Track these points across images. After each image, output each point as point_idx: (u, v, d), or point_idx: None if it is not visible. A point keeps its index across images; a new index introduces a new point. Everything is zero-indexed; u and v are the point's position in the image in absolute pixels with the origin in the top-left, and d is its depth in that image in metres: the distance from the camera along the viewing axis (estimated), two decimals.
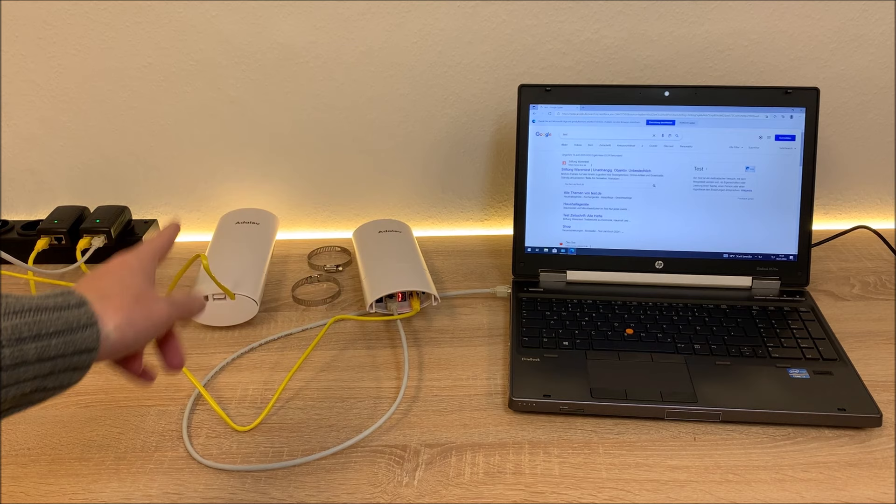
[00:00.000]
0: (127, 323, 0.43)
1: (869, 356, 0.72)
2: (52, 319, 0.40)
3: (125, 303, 0.44)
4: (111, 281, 0.46)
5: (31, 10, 0.83)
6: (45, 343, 0.39)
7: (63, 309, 0.41)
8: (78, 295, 0.42)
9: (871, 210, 0.98)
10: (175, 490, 0.58)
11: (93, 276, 0.47)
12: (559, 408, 0.64)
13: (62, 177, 0.94)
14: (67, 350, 0.40)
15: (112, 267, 0.48)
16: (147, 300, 0.46)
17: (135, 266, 0.49)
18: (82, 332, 0.41)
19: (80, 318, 0.41)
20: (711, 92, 0.79)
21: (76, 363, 0.41)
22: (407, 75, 0.88)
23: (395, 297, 0.78)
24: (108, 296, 0.44)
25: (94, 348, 0.41)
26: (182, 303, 0.50)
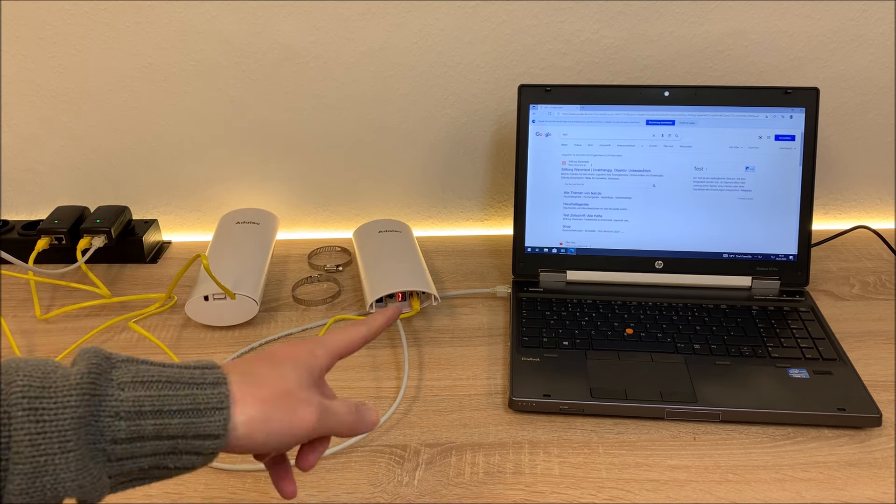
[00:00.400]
0: (261, 418, 0.38)
1: (869, 356, 0.72)
2: (180, 396, 0.37)
3: (270, 394, 0.39)
4: (267, 367, 0.41)
5: (31, 10, 0.83)
6: (166, 421, 0.36)
7: (196, 386, 0.38)
8: (218, 373, 0.39)
9: (870, 210, 0.98)
10: (175, 490, 0.58)
11: (253, 357, 0.43)
12: (559, 407, 0.64)
13: (62, 177, 0.94)
14: (188, 432, 0.37)
15: (278, 354, 0.43)
16: (296, 401, 0.40)
17: (303, 361, 0.43)
18: (208, 416, 0.37)
19: (209, 399, 0.37)
20: (711, 92, 0.79)
21: (198, 447, 0.37)
22: (407, 75, 0.88)
23: (395, 297, 0.78)
24: (255, 383, 0.39)
25: (220, 435, 0.37)
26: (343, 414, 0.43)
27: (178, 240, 0.98)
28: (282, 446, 0.40)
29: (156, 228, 0.94)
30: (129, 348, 0.75)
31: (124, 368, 0.37)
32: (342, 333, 0.47)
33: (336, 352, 0.46)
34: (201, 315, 0.77)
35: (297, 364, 0.42)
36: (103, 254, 0.87)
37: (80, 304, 0.82)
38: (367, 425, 0.45)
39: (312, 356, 0.44)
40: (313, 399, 0.41)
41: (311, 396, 0.41)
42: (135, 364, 0.38)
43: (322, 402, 0.42)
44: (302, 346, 0.45)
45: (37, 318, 0.80)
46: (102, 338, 0.77)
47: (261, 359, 0.42)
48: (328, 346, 0.46)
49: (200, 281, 0.77)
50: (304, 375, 0.42)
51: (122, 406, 0.36)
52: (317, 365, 0.44)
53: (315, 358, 0.44)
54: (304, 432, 0.41)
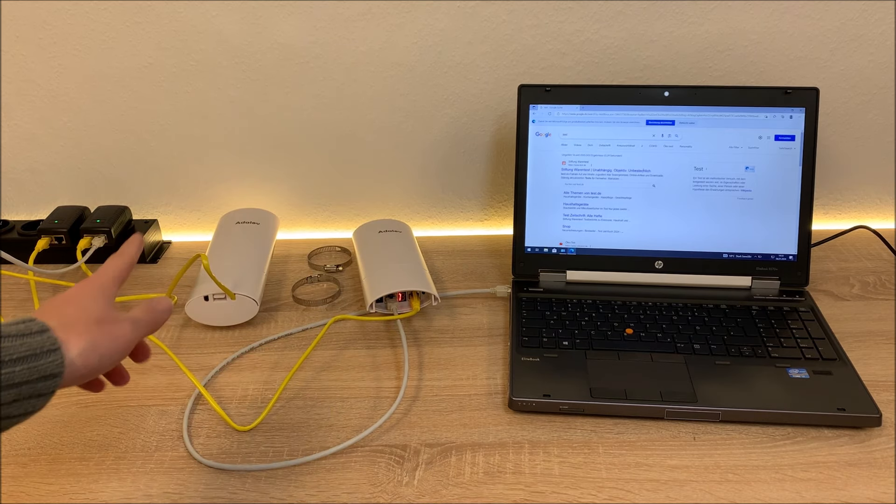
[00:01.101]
0: (91, 347, 0.44)
1: (868, 356, 0.72)
2: (16, 346, 0.40)
3: (88, 327, 0.44)
4: (72, 307, 0.46)
5: (31, 10, 0.83)
6: (10, 370, 0.39)
7: (25, 335, 0.41)
8: (39, 322, 0.43)
9: (870, 210, 0.98)
10: (175, 490, 0.58)
11: (53, 303, 0.47)
12: (559, 407, 0.65)
13: (62, 177, 0.94)
14: (32, 376, 0.40)
15: (72, 293, 0.48)
16: (109, 323, 0.46)
17: (95, 291, 0.48)
18: (46, 358, 0.41)
19: (42, 343, 0.41)
20: (711, 92, 0.79)
21: (40, 389, 0.41)
22: (407, 75, 0.88)
23: (395, 297, 0.78)
24: (70, 322, 0.44)
25: (59, 373, 0.41)
26: (145, 317, 0.50)
27: (178, 240, 0.98)
28: (112, 364, 0.46)
29: (156, 228, 0.94)
30: None
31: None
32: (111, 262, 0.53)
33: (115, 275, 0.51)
34: (201, 315, 0.77)
35: (95, 295, 0.48)
36: (103, 254, 0.86)
37: None
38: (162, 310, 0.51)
39: (102, 287, 0.49)
40: (119, 317, 0.48)
41: (117, 315, 0.48)
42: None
43: (127, 317, 0.48)
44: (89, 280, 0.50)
45: None
46: None
47: (61, 300, 0.47)
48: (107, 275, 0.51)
49: (200, 281, 0.77)
50: (104, 302, 0.48)
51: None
52: (108, 292, 0.49)
53: (104, 287, 0.49)
54: (127, 345, 0.47)
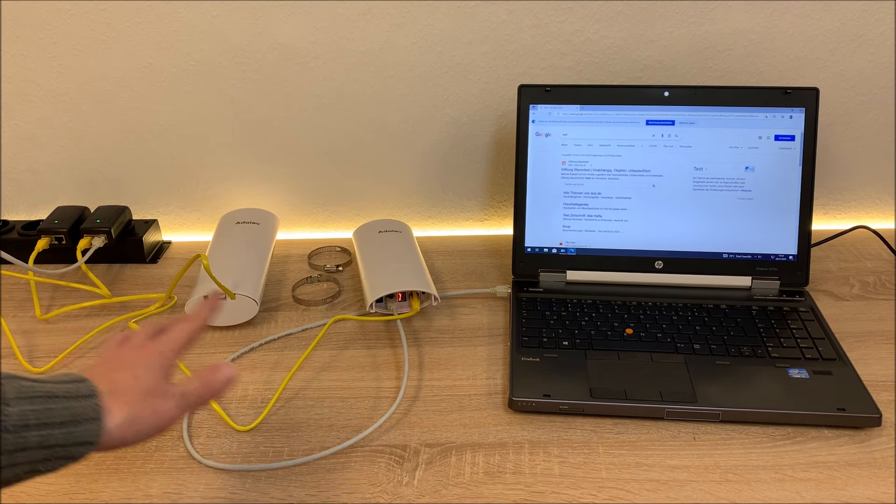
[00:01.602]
0: (130, 421, 0.43)
1: (868, 356, 0.72)
2: (60, 409, 0.40)
3: (134, 398, 0.44)
4: (125, 374, 0.46)
5: (31, 10, 0.83)
6: (48, 432, 0.39)
7: (72, 398, 0.41)
8: (89, 385, 0.43)
9: (870, 210, 0.98)
10: (175, 490, 0.58)
11: (108, 364, 0.47)
12: (559, 407, 0.65)
13: (62, 177, 0.94)
14: (68, 441, 0.40)
15: (131, 357, 0.47)
16: (157, 397, 0.45)
17: (153, 359, 0.48)
18: (85, 426, 0.41)
19: (86, 410, 0.41)
20: (711, 92, 0.79)
21: (73, 453, 0.41)
22: (407, 75, 0.88)
23: (395, 297, 0.78)
24: (118, 390, 0.44)
25: (94, 442, 0.41)
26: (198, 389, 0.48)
27: (178, 240, 0.98)
28: (146, 439, 0.45)
29: (156, 228, 0.94)
30: None
31: (8, 384, 0.39)
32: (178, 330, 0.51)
33: (178, 347, 0.50)
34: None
35: (150, 365, 0.47)
36: (103, 254, 0.87)
37: (80, 304, 0.82)
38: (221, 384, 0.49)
39: (161, 356, 0.48)
40: (169, 392, 0.46)
41: (167, 389, 0.46)
42: (16, 380, 0.40)
43: (177, 392, 0.47)
44: (148, 349, 0.49)
45: (37, 318, 0.80)
46: (102, 338, 0.77)
47: (117, 365, 0.46)
48: (170, 345, 0.50)
49: (200, 281, 0.77)
50: (158, 374, 0.47)
51: (10, 420, 0.38)
52: (166, 363, 0.48)
53: (163, 357, 0.48)
54: (168, 423, 0.46)
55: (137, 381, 0.45)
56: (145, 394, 0.45)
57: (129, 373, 0.46)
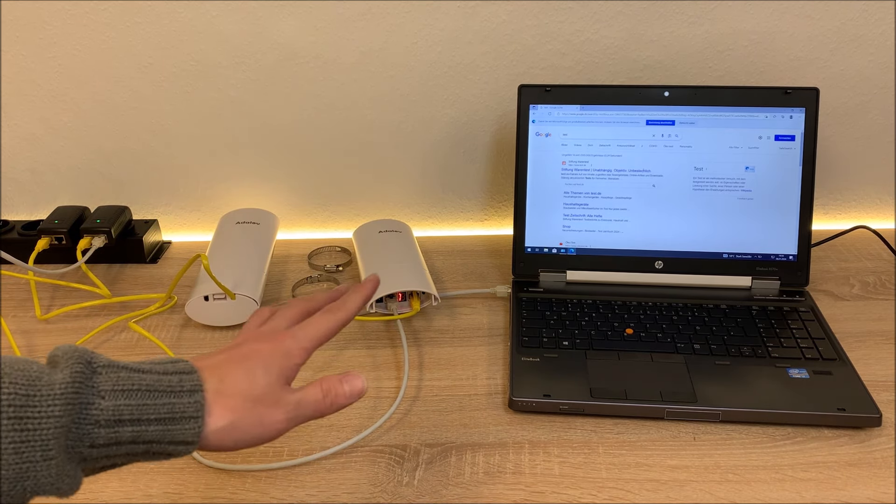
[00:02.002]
0: (230, 428, 0.40)
1: (869, 356, 0.72)
2: (158, 405, 0.38)
3: (242, 404, 0.41)
4: (237, 374, 0.42)
5: (31, 10, 0.83)
6: (143, 428, 0.38)
7: (173, 394, 0.39)
8: (195, 379, 0.40)
9: (870, 210, 0.98)
10: (175, 490, 0.58)
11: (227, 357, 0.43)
12: (559, 407, 0.65)
13: (62, 177, 0.94)
14: (164, 438, 0.38)
15: (251, 356, 0.43)
16: (266, 405, 0.42)
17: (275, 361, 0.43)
18: (183, 424, 0.39)
19: (186, 408, 0.39)
20: (711, 92, 0.79)
21: (171, 451, 0.39)
22: (407, 75, 0.88)
23: (395, 297, 0.78)
24: (226, 391, 0.41)
25: (193, 441, 0.39)
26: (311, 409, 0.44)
27: (178, 240, 0.98)
28: (252, 446, 0.42)
29: (156, 228, 0.94)
30: (129, 348, 0.75)
31: (105, 375, 0.38)
32: (318, 323, 0.47)
33: (312, 346, 0.46)
34: (201, 315, 0.77)
35: (270, 367, 0.43)
36: (103, 254, 0.87)
37: (81, 304, 0.82)
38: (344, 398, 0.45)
39: (286, 357, 0.44)
40: (283, 400, 0.43)
41: (281, 397, 0.43)
42: (115, 370, 0.38)
43: (291, 401, 0.43)
44: (277, 344, 0.45)
45: (37, 318, 0.80)
46: (102, 338, 0.77)
47: (235, 359, 0.43)
48: (304, 342, 0.46)
49: (200, 281, 0.77)
50: (275, 379, 0.43)
51: (103, 415, 0.37)
52: (290, 365, 0.44)
53: (289, 358, 0.44)
54: (274, 434, 0.43)
55: (250, 384, 0.42)
56: (255, 400, 0.41)
57: (244, 372, 0.42)
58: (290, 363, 0.44)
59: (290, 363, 0.44)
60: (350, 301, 0.49)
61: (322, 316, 0.48)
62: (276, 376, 0.43)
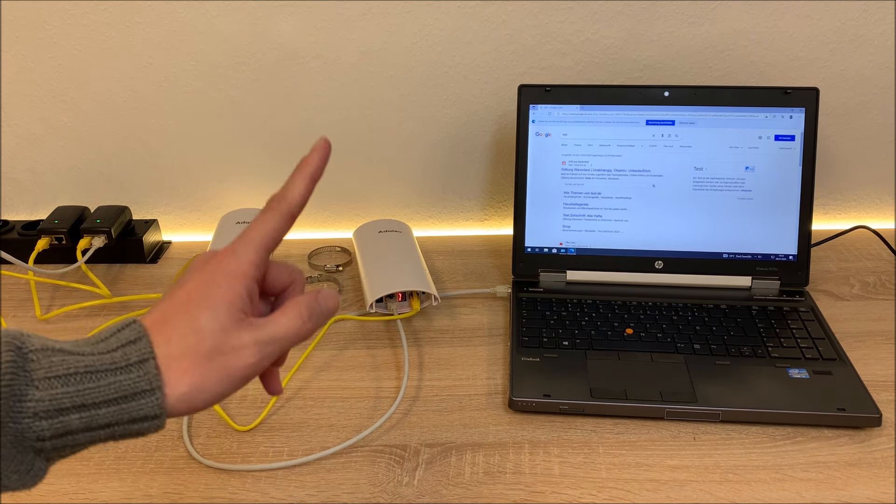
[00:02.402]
0: (195, 391, 0.35)
1: (869, 356, 0.72)
2: (101, 387, 0.34)
3: (194, 364, 0.35)
4: (182, 327, 0.36)
5: (31, 10, 0.83)
6: (92, 413, 0.34)
7: (118, 371, 0.34)
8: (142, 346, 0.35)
9: (870, 210, 0.98)
10: (175, 490, 0.58)
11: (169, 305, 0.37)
12: (559, 407, 0.65)
13: (62, 177, 0.94)
14: (122, 419, 0.34)
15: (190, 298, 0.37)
16: (225, 354, 0.36)
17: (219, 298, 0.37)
18: (139, 400, 0.34)
19: (136, 382, 0.34)
20: (711, 92, 0.79)
21: (137, 429, 0.35)
22: (407, 76, 0.88)
23: (395, 297, 0.78)
24: (174, 354, 0.35)
25: (157, 416, 0.35)
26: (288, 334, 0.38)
27: (178, 240, 0.98)
28: (224, 398, 0.37)
29: (156, 228, 0.94)
30: None
31: (37, 362, 0.34)
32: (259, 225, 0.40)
33: (260, 253, 0.39)
34: None
35: (215, 306, 0.36)
36: (103, 254, 0.87)
37: (80, 304, 0.82)
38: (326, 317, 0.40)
39: (230, 283, 0.37)
40: (245, 339, 0.36)
41: (242, 337, 0.36)
42: (48, 354, 0.34)
43: (259, 337, 0.37)
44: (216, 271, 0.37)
45: (37, 318, 0.80)
46: None
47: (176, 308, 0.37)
48: (249, 254, 0.39)
49: None
50: (226, 317, 0.36)
51: (40, 406, 0.33)
52: (239, 293, 0.37)
53: (234, 283, 0.37)
54: (247, 378, 0.37)
55: (198, 336, 0.36)
56: (211, 354, 0.36)
57: (187, 324, 0.36)
58: (238, 288, 0.37)
59: (238, 288, 0.37)
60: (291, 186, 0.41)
61: (261, 214, 0.40)
62: (226, 314, 0.36)
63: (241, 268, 0.38)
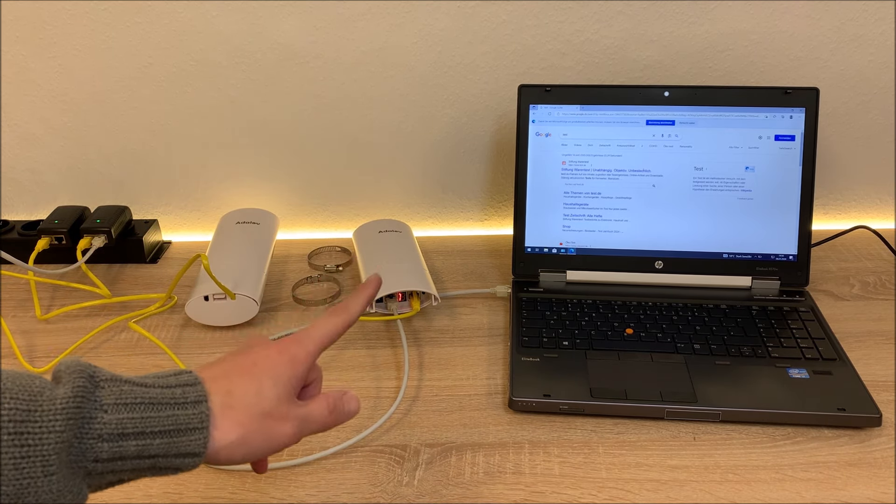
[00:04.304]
0: (240, 442, 0.40)
1: (869, 356, 0.72)
2: (162, 417, 0.38)
3: (249, 419, 0.40)
4: (245, 386, 0.41)
5: (31, 10, 0.83)
6: (148, 442, 0.37)
7: (177, 406, 0.38)
8: (199, 390, 0.39)
9: (870, 210, 0.98)
10: (175, 490, 0.58)
11: (233, 365, 0.42)
12: (559, 407, 0.65)
13: (62, 177, 0.94)
14: (170, 451, 0.38)
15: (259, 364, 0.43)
16: (275, 419, 0.41)
17: (281, 373, 0.43)
18: (189, 436, 0.38)
19: (190, 420, 0.38)
20: (711, 92, 0.79)
21: (177, 464, 0.39)
22: (407, 75, 0.88)
23: (395, 297, 0.78)
24: (234, 405, 0.40)
25: (199, 453, 0.39)
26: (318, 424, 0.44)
27: (178, 240, 0.98)
28: (259, 458, 0.42)
29: (156, 228, 0.94)
30: (129, 348, 0.75)
31: (108, 389, 0.38)
32: (322, 326, 0.47)
33: (319, 348, 0.46)
34: (201, 315, 0.77)
35: (278, 378, 0.42)
36: (103, 254, 0.87)
37: (81, 304, 0.82)
38: (345, 417, 0.46)
39: (293, 365, 0.44)
40: (291, 413, 0.42)
41: (290, 411, 0.42)
42: (118, 384, 0.38)
43: (299, 415, 0.43)
44: (283, 352, 0.44)
45: (37, 318, 0.80)
46: (102, 338, 0.77)
47: (240, 370, 0.42)
48: (309, 346, 0.45)
49: (200, 281, 0.77)
50: (283, 390, 0.42)
51: (106, 429, 0.36)
52: (297, 374, 0.44)
53: (295, 366, 0.44)
54: (281, 447, 0.42)
55: (259, 397, 0.41)
56: (264, 415, 0.41)
57: (251, 385, 0.41)
58: (297, 370, 0.44)
59: (297, 370, 0.44)
60: (353, 302, 0.49)
61: (325, 318, 0.47)
62: (284, 387, 0.42)
63: (302, 356, 0.44)
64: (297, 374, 0.44)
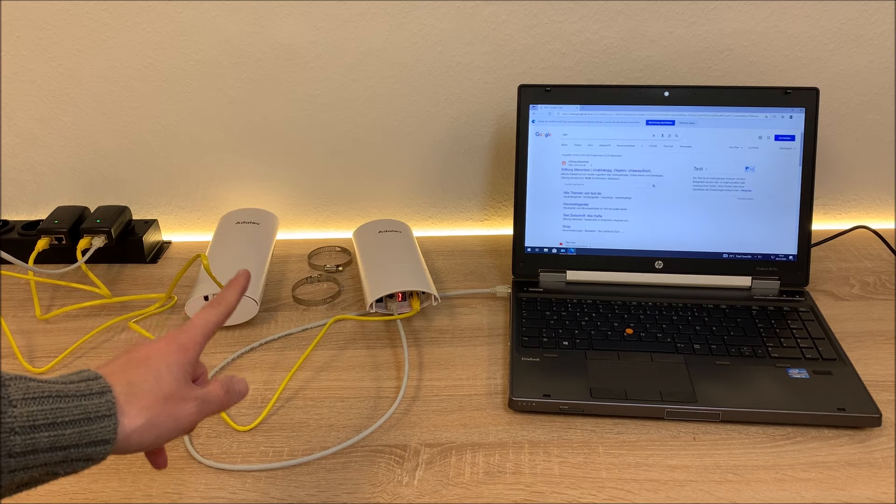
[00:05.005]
0: (149, 425, 0.42)
1: (868, 356, 0.72)
2: (71, 408, 0.39)
3: (153, 403, 0.43)
4: (145, 375, 0.44)
5: (31, 10, 0.83)
6: (60, 432, 0.38)
7: (83, 397, 0.40)
8: (101, 382, 0.41)
9: (870, 210, 0.98)
10: (175, 490, 0.58)
11: (126, 360, 0.45)
12: (559, 407, 0.65)
13: (62, 177, 0.94)
14: (82, 440, 0.39)
15: (150, 353, 0.45)
16: (177, 401, 0.44)
17: (173, 356, 0.46)
18: (99, 423, 0.40)
19: (98, 408, 0.40)
20: (711, 92, 0.79)
21: (90, 454, 0.40)
22: (407, 75, 0.88)
23: (395, 297, 0.78)
24: (137, 393, 0.42)
25: (110, 440, 0.40)
26: (217, 398, 0.48)
27: (178, 240, 0.98)
28: (167, 441, 0.45)
29: (156, 228, 0.94)
30: None
31: (14, 386, 0.38)
32: (203, 317, 0.50)
33: (204, 337, 0.49)
34: None
35: (171, 365, 0.45)
36: (103, 254, 0.87)
37: (80, 304, 0.82)
38: (238, 397, 0.50)
39: (183, 352, 0.47)
40: (190, 395, 0.46)
41: (189, 392, 0.46)
42: (24, 381, 0.39)
43: (198, 395, 0.46)
44: (171, 342, 0.47)
45: (37, 318, 0.80)
46: (102, 338, 0.77)
47: (136, 364, 0.45)
48: (194, 334, 0.48)
49: (200, 281, 0.77)
50: (179, 374, 0.45)
51: (17, 422, 0.37)
52: (188, 360, 0.47)
53: (186, 352, 0.47)
54: (189, 427, 0.46)
55: (158, 383, 0.44)
56: (166, 398, 0.44)
57: (149, 373, 0.44)
58: (188, 356, 0.47)
59: (188, 356, 0.47)
60: (228, 294, 0.53)
61: (205, 310, 0.51)
62: (179, 372, 0.45)
63: (189, 343, 0.47)
64: (188, 359, 0.47)
